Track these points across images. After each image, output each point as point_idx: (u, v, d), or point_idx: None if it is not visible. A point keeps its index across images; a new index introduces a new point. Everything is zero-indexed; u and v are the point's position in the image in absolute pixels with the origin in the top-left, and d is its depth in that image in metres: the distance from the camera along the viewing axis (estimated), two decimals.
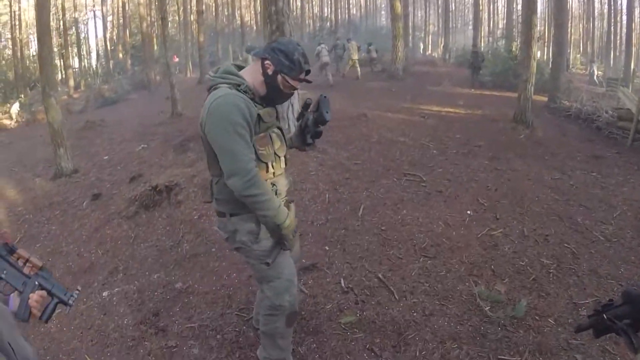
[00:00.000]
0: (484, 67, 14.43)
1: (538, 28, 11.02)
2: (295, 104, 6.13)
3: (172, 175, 5.69)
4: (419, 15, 44.70)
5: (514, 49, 14.07)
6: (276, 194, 1.92)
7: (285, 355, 2.24)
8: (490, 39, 32.66)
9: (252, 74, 1.88)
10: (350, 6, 42.36)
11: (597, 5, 36.95)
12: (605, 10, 33.77)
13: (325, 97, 2.06)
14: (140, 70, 22.76)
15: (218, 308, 3.07)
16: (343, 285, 3.20)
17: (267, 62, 1.85)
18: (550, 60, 14.61)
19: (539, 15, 11.74)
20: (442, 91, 13.02)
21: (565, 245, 3.82)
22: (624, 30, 27.25)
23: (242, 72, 1.90)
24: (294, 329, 2.31)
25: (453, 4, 40.66)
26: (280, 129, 2.02)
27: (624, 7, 29.05)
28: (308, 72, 1.91)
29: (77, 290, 1.36)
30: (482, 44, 27.27)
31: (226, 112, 1.71)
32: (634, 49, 26.19)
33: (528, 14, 8.38)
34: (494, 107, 10.32)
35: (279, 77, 1.84)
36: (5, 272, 1.23)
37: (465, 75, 15.30)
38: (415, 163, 5.93)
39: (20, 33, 24.61)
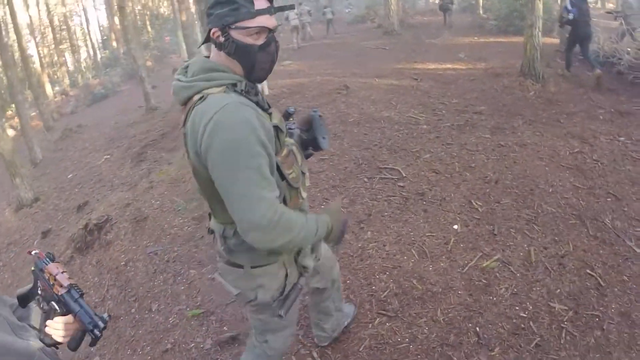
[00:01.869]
0: (489, 11, 12.88)
1: None
2: None
3: (110, 204, 4.91)
4: None
5: None
6: None
7: None
8: None
9: (221, 62, 1.31)
10: None
11: None
12: None
13: (319, 115, 1.61)
14: (127, 58, 21.96)
15: None
16: None
17: (212, 31, 1.29)
18: None
19: None
20: (441, 44, 11.59)
21: (588, 272, 2.75)
22: None
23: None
24: None
25: None
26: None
27: None
28: None
29: (108, 315, 1.15)
30: None
31: (235, 138, 1.17)
32: None
33: None
34: (499, 57, 8.90)
35: (233, 32, 1.26)
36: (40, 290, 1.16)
37: (468, 22, 13.74)
38: (397, 149, 4.77)
39: None
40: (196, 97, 1.26)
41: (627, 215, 3.30)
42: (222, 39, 1.27)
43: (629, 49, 7.59)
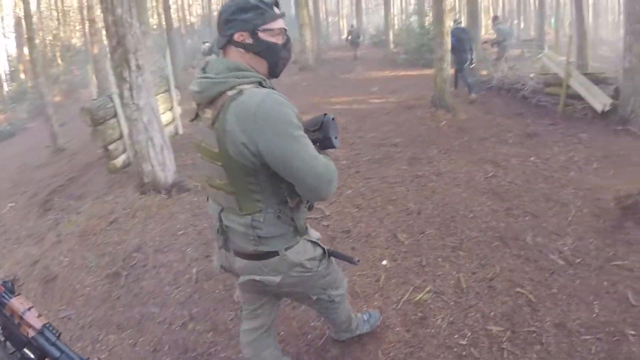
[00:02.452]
0: (399, 45, 14.00)
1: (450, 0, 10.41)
2: (155, 137, 4.82)
3: (16, 261, 4.31)
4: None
5: (426, 24, 13.56)
6: (310, 207, 1.67)
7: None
8: (404, 16, 31.94)
9: (245, 62, 1.44)
10: None
11: None
12: None
13: (332, 118, 1.67)
14: (36, 92, 20.28)
15: None
16: None
17: (236, 35, 1.42)
18: None
19: None
20: (355, 78, 12.18)
21: (518, 290, 2.87)
22: None
23: None
24: None
25: None
26: None
27: None
28: (275, 3, 1.48)
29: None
30: (395, 22, 27.23)
31: (283, 115, 1.33)
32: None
33: None
34: (411, 90, 9.50)
35: (261, 34, 1.43)
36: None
37: (380, 57, 14.66)
38: None
39: None
40: (230, 92, 1.36)
41: (546, 231, 3.54)
42: (250, 40, 1.42)
43: (531, 75, 8.49)
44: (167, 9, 16.95)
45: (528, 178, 4.57)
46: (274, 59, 1.48)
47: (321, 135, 1.65)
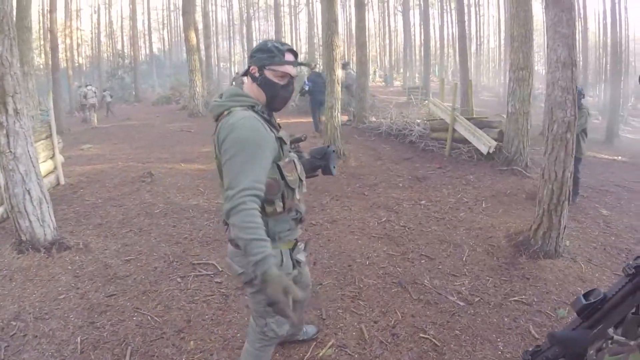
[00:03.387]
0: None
1: (340, 49, 11.06)
2: (33, 190, 4.09)
3: None
4: (224, 45, 44.18)
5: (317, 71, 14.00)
6: (300, 220, 1.89)
7: None
8: None
9: (251, 90, 1.79)
10: (152, 41, 39.57)
11: (392, 22, 41.67)
12: (401, 27, 37.66)
13: (333, 150, 2.07)
14: None
15: None
16: None
17: (251, 67, 1.78)
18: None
19: (340, 36, 11.90)
20: None
21: (422, 335, 2.80)
22: (421, 42, 30.60)
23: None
24: None
25: (256, 33, 41.32)
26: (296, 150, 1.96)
27: (417, 21, 33.22)
28: (291, 51, 1.79)
29: None
30: None
31: (246, 135, 1.58)
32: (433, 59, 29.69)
33: (329, 35, 7.84)
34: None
35: (267, 72, 1.75)
36: None
37: None
38: (210, 240, 4.43)
39: None
40: (225, 112, 1.70)
41: (443, 273, 3.59)
42: (257, 74, 1.75)
43: (418, 121, 9.13)
44: (54, 47, 15.48)
45: (420, 221, 4.71)
46: (271, 94, 1.76)
47: (323, 163, 2.07)
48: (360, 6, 11.75)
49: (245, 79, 1.82)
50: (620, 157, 11.96)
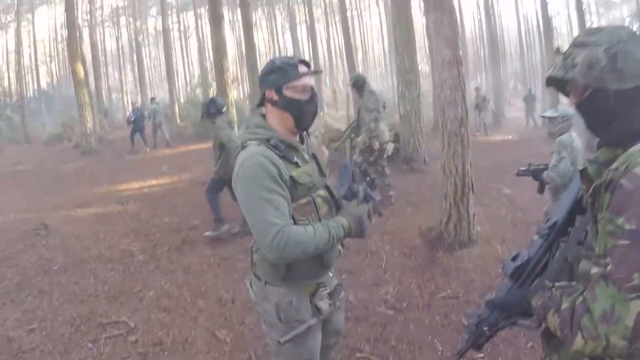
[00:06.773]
0: (186, 119, 13.82)
1: (231, 71, 10.76)
2: None
3: None
4: (115, 76, 41.38)
5: (210, 94, 13.67)
6: (324, 266, 1.67)
7: None
8: (189, 89, 32.47)
9: (273, 118, 1.65)
10: (40, 76, 35.60)
11: (280, 39, 41.99)
12: (290, 43, 37.47)
13: (345, 165, 1.77)
14: None
15: None
16: None
17: (267, 93, 1.63)
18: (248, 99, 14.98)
19: (230, 58, 11.71)
20: (143, 159, 11.49)
21: (359, 355, 2.71)
22: (310, 56, 30.94)
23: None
24: None
25: (147, 59, 39.43)
26: (327, 188, 1.68)
27: (305, 36, 33.88)
28: (302, 61, 1.62)
29: None
30: (181, 94, 28.19)
31: (251, 176, 1.51)
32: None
33: (218, 59, 7.88)
34: (201, 165, 9.26)
35: (286, 91, 1.59)
36: None
37: (169, 132, 14.22)
38: (117, 294, 3.84)
39: None
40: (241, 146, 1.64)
41: (365, 284, 3.44)
42: (276, 97, 1.59)
43: (316, 134, 9.01)
44: None
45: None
46: (298, 113, 1.60)
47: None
48: (248, 27, 11.73)
49: (264, 109, 1.68)
50: (510, 137, 13.16)
